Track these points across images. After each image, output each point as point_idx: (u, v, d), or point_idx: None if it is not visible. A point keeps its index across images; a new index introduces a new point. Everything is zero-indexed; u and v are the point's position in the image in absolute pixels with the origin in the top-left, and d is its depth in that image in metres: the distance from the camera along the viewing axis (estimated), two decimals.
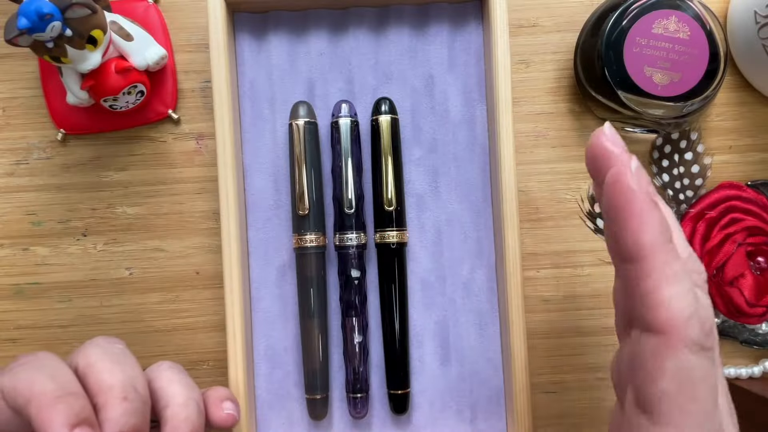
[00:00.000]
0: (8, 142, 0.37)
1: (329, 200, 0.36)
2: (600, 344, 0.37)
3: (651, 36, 0.34)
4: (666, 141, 0.37)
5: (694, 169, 0.37)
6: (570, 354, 0.37)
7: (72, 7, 0.29)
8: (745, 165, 0.38)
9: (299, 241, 0.35)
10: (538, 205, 0.37)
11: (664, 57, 0.34)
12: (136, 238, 0.37)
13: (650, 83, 0.34)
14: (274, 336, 0.36)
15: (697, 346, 0.20)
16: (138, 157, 0.37)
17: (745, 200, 0.36)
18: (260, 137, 0.36)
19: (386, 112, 0.35)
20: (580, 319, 0.37)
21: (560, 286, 0.37)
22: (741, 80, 0.38)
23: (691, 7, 0.34)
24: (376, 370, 0.36)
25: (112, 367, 0.25)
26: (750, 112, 0.38)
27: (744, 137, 0.38)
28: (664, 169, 0.37)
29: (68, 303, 0.37)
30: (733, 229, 0.36)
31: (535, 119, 0.37)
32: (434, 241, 0.36)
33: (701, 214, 0.37)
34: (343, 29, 0.37)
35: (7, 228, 0.37)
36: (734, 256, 0.36)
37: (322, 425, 0.36)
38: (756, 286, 0.36)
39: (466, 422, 0.36)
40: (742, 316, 0.36)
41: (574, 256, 0.37)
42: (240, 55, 0.37)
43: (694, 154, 0.37)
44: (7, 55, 0.37)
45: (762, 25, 0.34)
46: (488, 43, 0.35)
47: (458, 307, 0.36)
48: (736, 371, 0.37)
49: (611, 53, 0.34)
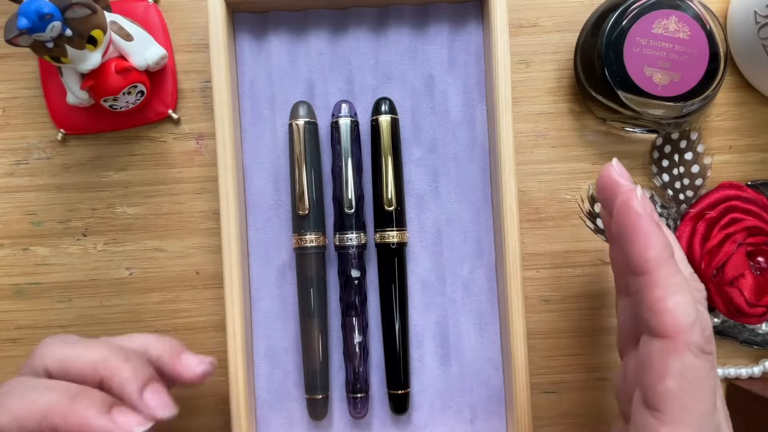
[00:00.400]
0: (8, 142, 0.37)
1: (329, 200, 0.36)
2: (600, 344, 0.37)
3: (651, 36, 0.34)
4: (666, 141, 0.37)
5: (694, 169, 0.37)
6: (570, 354, 0.37)
7: (72, 7, 0.29)
8: (745, 165, 0.38)
9: (299, 241, 0.35)
10: (538, 205, 0.37)
11: (664, 57, 0.34)
12: (136, 238, 0.37)
13: (650, 83, 0.34)
14: (274, 336, 0.36)
15: (699, 350, 0.22)
16: (138, 157, 0.37)
17: (745, 200, 0.36)
18: (260, 137, 0.36)
19: (386, 112, 0.35)
20: (580, 319, 0.37)
21: (560, 286, 0.37)
22: (741, 80, 0.38)
23: (691, 7, 0.34)
24: (376, 370, 0.36)
25: (86, 347, 0.26)
26: (750, 112, 0.38)
27: (744, 137, 0.38)
28: (664, 169, 0.37)
29: (68, 303, 0.37)
30: (733, 229, 0.36)
31: (535, 119, 0.37)
32: (434, 241, 0.36)
33: (701, 214, 0.37)
34: (343, 29, 0.37)
35: (7, 228, 0.37)
36: (734, 256, 0.36)
37: (322, 425, 0.36)
38: (756, 286, 0.36)
39: (466, 422, 0.36)
40: (742, 316, 0.36)
41: (575, 256, 0.37)
42: (240, 55, 0.37)
43: (694, 154, 0.37)
44: (7, 55, 0.37)
45: (762, 25, 0.34)
46: (488, 43, 0.35)
47: (458, 307, 0.36)
48: (736, 371, 0.37)
49: (611, 53, 0.34)
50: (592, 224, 0.37)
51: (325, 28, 0.37)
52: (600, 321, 0.37)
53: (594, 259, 0.37)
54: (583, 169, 0.37)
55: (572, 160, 0.37)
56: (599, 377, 0.37)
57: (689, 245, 0.36)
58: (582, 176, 0.37)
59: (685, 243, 0.36)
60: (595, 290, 0.37)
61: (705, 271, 0.36)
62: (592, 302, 0.37)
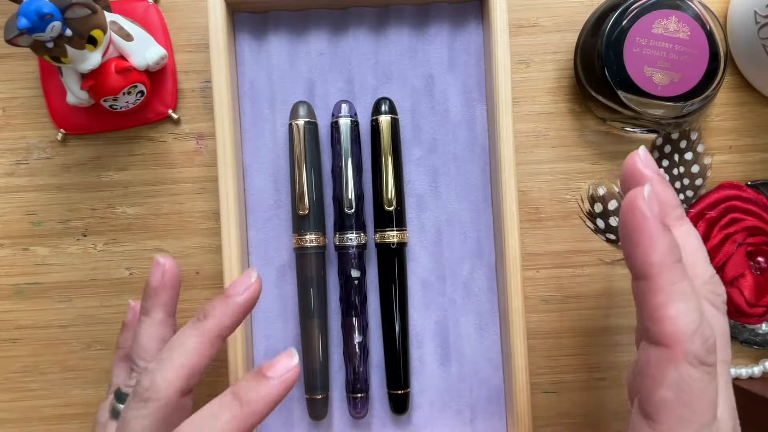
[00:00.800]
0: (8, 142, 0.37)
1: (329, 200, 0.36)
2: (600, 344, 0.37)
3: (651, 36, 0.34)
4: (666, 141, 0.37)
5: (694, 169, 0.37)
6: (570, 354, 0.37)
7: (72, 7, 0.29)
8: (745, 165, 0.38)
9: (299, 241, 0.35)
10: (538, 205, 0.37)
11: (664, 57, 0.34)
12: (136, 238, 0.37)
13: (650, 83, 0.34)
14: (274, 336, 0.36)
15: (698, 361, 0.22)
16: (138, 157, 0.37)
17: (745, 200, 0.36)
18: (260, 137, 0.36)
19: (386, 112, 0.35)
20: (580, 319, 0.37)
21: (560, 286, 0.37)
22: (741, 80, 0.38)
23: (691, 7, 0.34)
24: (376, 370, 0.36)
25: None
26: (750, 112, 0.38)
27: (744, 137, 0.38)
28: (664, 169, 0.37)
29: (68, 303, 0.37)
30: (733, 229, 0.36)
31: (535, 119, 0.37)
32: (434, 241, 0.36)
33: (701, 214, 0.37)
34: (342, 29, 0.37)
35: (7, 228, 0.37)
36: (734, 256, 0.36)
37: (322, 425, 0.36)
38: (756, 286, 0.36)
39: (466, 422, 0.36)
40: (742, 316, 0.36)
41: (575, 256, 0.37)
42: (240, 55, 0.37)
43: (694, 154, 0.37)
44: (7, 55, 0.37)
45: (762, 25, 0.34)
46: (488, 43, 0.35)
47: (458, 307, 0.36)
48: (736, 371, 0.37)
49: (611, 53, 0.34)
50: (592, 224, 0.37)
51: (324, 28, 0.37)
52: (600, 321, 0.37)
53: (594, 259, 0.37)
54: (582, 169, 0.37)
55: (572, 160, 0.37)
56: (599, 377, 0.37)
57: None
58: (582, 176, 0.37)
59: None
60: (595, 290, 0.37)
61: None
62: (592, 302, 0.37)
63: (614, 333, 0.37)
